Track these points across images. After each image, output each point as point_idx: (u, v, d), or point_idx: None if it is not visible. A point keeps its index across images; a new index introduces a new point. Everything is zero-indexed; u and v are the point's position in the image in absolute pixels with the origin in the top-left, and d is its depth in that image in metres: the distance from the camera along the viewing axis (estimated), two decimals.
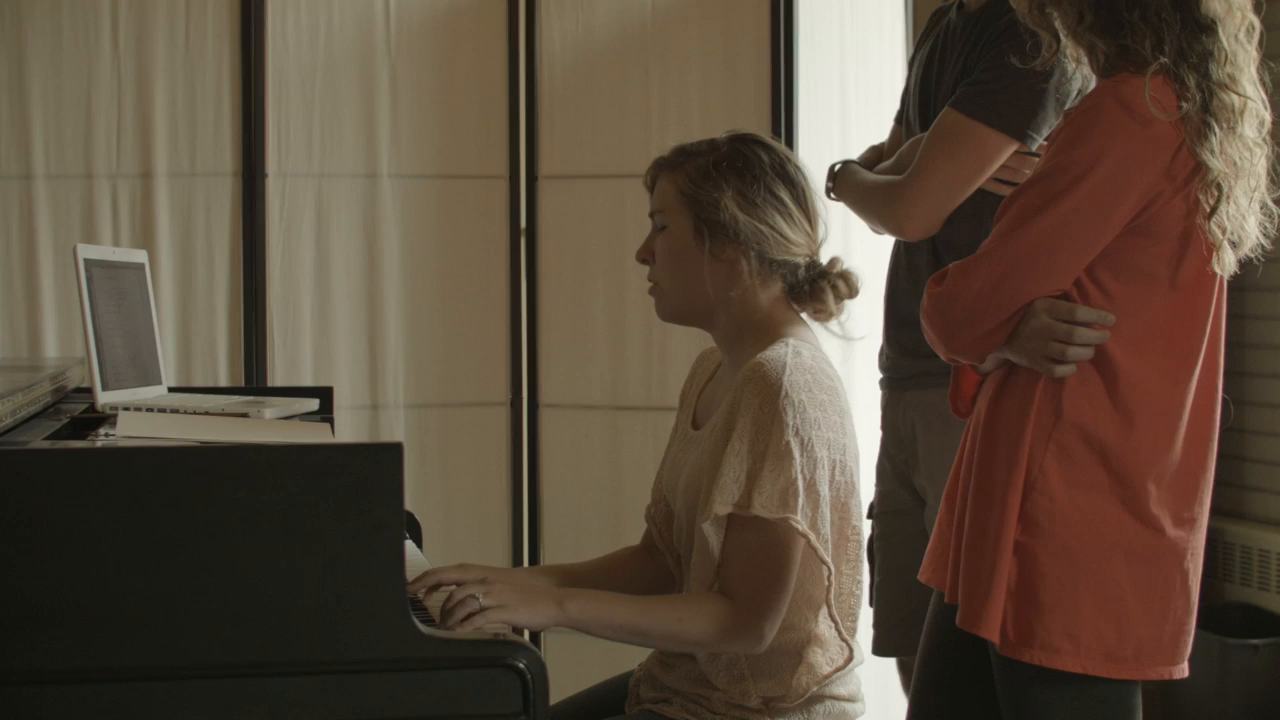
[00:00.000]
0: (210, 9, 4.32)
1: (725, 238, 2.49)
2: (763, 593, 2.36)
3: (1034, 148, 2.96)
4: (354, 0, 4.42)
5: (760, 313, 2.51)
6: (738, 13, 4.41)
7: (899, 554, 3.15)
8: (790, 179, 2.53)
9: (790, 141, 4.33)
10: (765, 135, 2.59)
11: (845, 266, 2.57)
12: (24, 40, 4.24)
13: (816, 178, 2.67)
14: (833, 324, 2.58)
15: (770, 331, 2.49)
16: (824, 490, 2.36)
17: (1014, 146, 2.97)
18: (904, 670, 3.37)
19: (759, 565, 2.36)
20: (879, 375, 3.24)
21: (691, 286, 2.54)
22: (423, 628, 2.11)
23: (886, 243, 3.28)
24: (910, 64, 3.34)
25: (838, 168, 3.22)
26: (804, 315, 2.57)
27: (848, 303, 2.59)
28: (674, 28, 4.48)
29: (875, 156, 3.29)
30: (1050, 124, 2.92)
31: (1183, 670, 2.23)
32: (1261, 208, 2.21)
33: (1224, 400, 2.26)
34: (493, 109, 4.50)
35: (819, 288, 2.53)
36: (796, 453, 2.33)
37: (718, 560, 2.39)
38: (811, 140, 4.30)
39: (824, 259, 2.58)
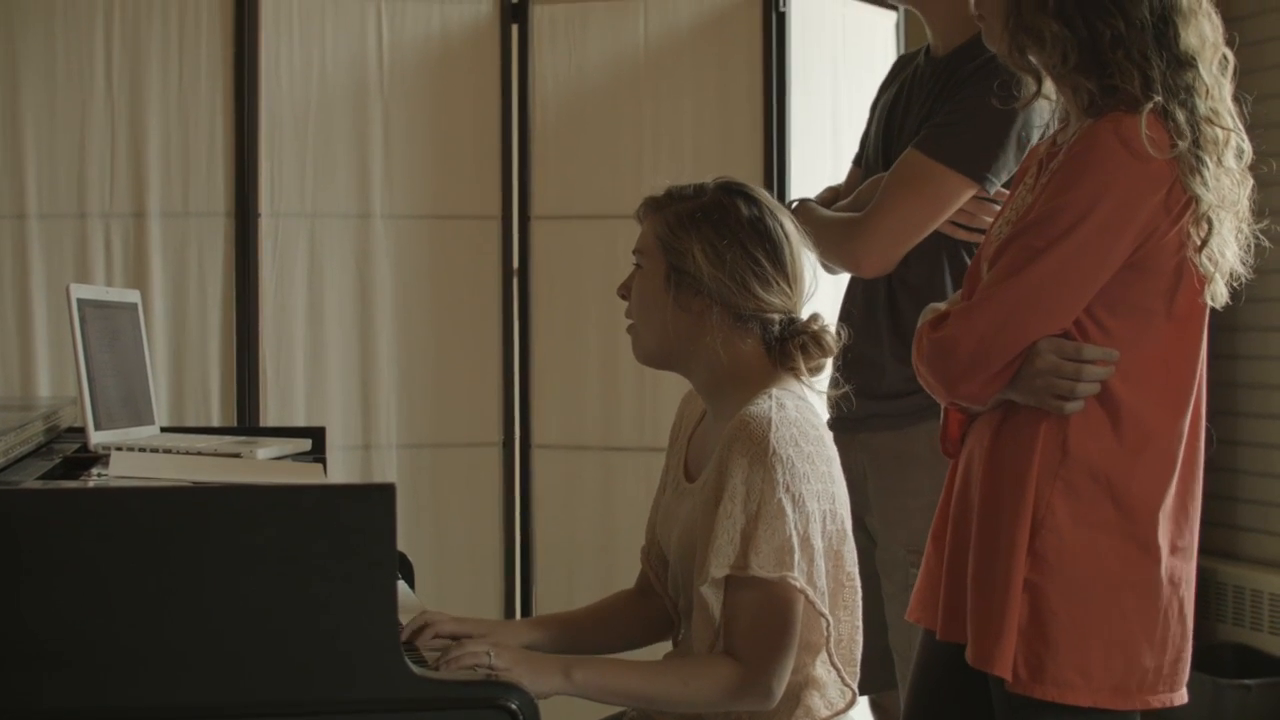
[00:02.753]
0: (204, 48, 4.33)
1: (692, 289, 2.46)
2: (768, 651, 2.35)
3: (991, 192, 2.98)
4: (347, 40, 4.44)
5: (738, 365, 2.48)
6: (730, 52, 4.43)
7: None
8: (767, 236, 2.46)
9: (783, 179, 4.34)
10: (752, 187, 2.54)
11: (820, 325, 2.51)
12: (17, 79, 4.25)
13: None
14: (814, 380, 2.53)
15: (750, 383, 2.46)
16: (817, 543, 2.35)
17: (974, 190, 3.00)
18: (876, 709, 3.37)
19: (762, 624, 2.35)
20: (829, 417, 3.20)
21: (659, 331, 2.51)
22: (415, 669, 2.10)
23: (842, 283, 3.29)
24: (873, 107, 3.36)
25: (795, 205, 3.24)
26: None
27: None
28: (666, 67, 4.50)
29: (832, 196, 3.31)
30: (1010, 169, 2.95)
31: (1182, 696, 2.25)
32: (1242, 238, 2.23)
33: (1207, 430, 2.28)
34: (485, 149, 4.51)
35: (788, 349, 2.48)
36: (789, 509, 2.32)
37: (719, 622, 2.37)
38: (805, 178, 4.30)
39: (807, 313, 2.53)
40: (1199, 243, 2.16)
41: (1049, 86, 2.33)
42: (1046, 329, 2.18)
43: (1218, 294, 2.21)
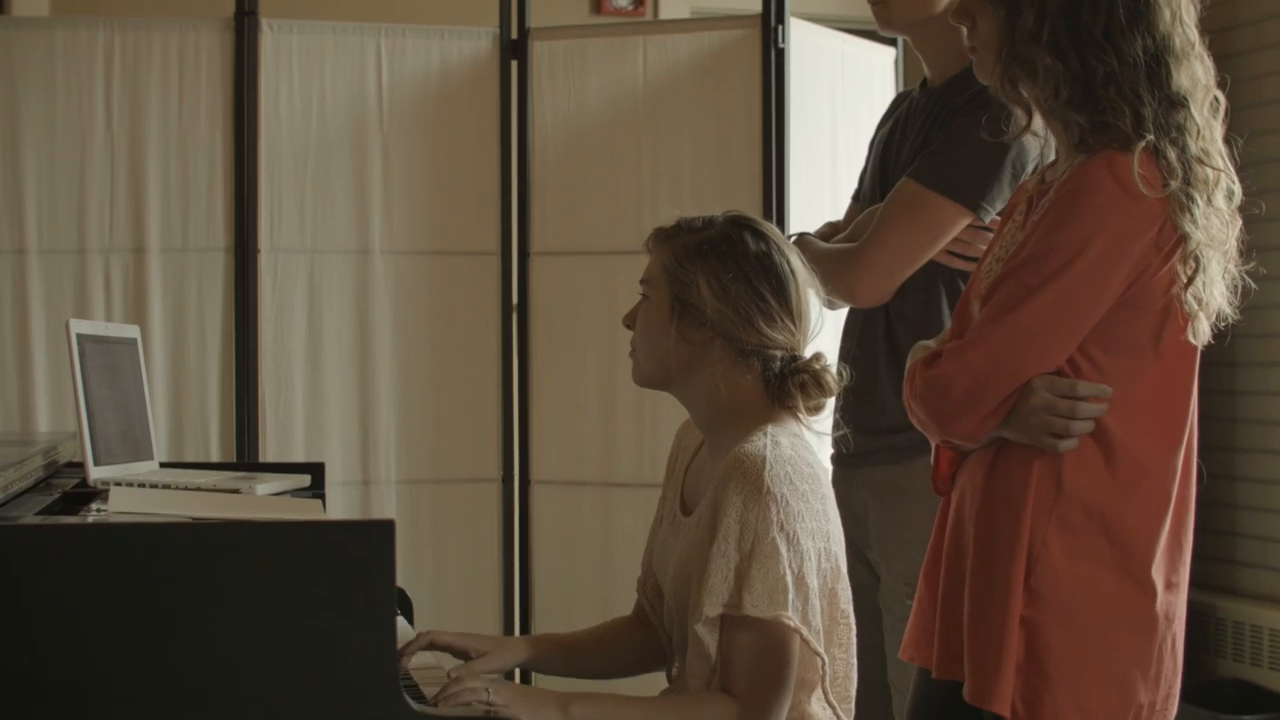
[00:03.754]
0: (203, 84, 4.34)
1: (696, 321, 2.46)
2: (766, 690, 2.35)
3: (986, 220, 2.98)
4: (346, 76, 4.45)
5: (737, 399, 2.48)
6: (729, 87, 4.44)
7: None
8: (773, 271, 2.47)
9: (782, 215, 4.34)
10: (762, 222, 2.54)
11: (821, 365, 2.51)
12: (18, 115, 4.26)
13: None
14: (813, 420, 2.53)
15: (748, 419, 2.46)
16: (812, 581, 2.35)
17: (969, 218, 2.99)
18: None
19: (759, 664, 2.35)
20: (831, 452, 3.19)
21: (661, 361, 2.52)
22: (414, 705, 2.10)
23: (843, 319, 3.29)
24: (871, 144, 3.36)
25: (792, 239, 3.24)
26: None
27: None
28: (665, 103, 4.51)
29: (831, 232, 3.31)
30: (1004, 198, 2.94)
31: None
32: (1229, 278, 2.24)
33: (1199, 466, 2.28)
34: (484, 185, 4.52)
35: (787, 387, 2.48)
36: (783, 548, 2.32)
37: (714, 660, 2.37)
38: (803, 214, 4.31)
39: (809, 352, 2.53)
40: (1185, 280, 2.17)
41: (1038, 122, 2.33)
42: (1041, 366, 2.18)
43: (1200, 332, 2.21)
